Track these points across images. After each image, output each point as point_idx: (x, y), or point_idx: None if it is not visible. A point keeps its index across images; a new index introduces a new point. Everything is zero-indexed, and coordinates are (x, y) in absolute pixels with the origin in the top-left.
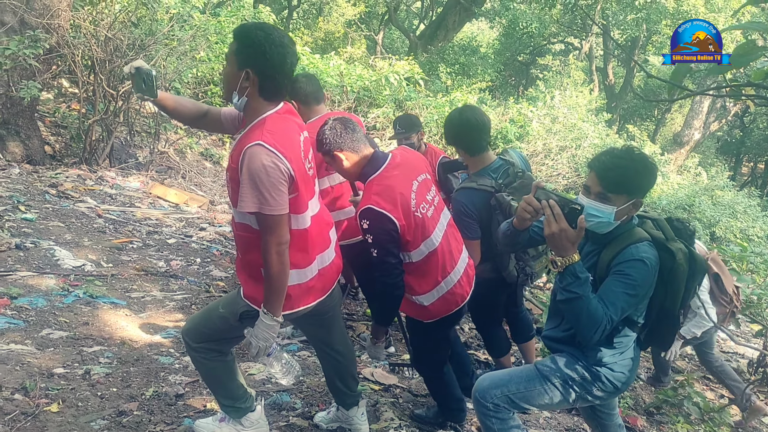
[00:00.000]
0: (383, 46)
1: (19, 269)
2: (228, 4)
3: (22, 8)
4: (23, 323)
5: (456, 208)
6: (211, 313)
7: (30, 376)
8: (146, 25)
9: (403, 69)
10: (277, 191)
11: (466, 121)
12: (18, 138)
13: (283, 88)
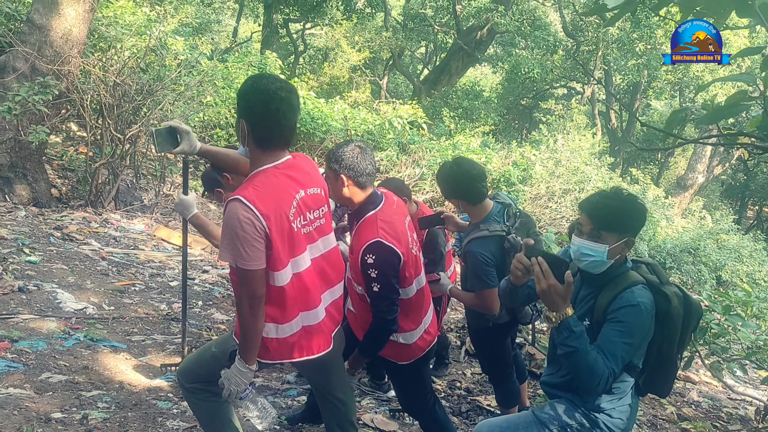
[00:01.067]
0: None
1: (21, 312)
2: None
3: (33, 55)
4: (23, 366)
5: (474, 259)
6: (205, 353)
7: (27, 421)
8: (155, 70)
9: (407, 113)
10: (251, 246)
11: (467, 172)
12: (25, 181)
13: (274, 136)
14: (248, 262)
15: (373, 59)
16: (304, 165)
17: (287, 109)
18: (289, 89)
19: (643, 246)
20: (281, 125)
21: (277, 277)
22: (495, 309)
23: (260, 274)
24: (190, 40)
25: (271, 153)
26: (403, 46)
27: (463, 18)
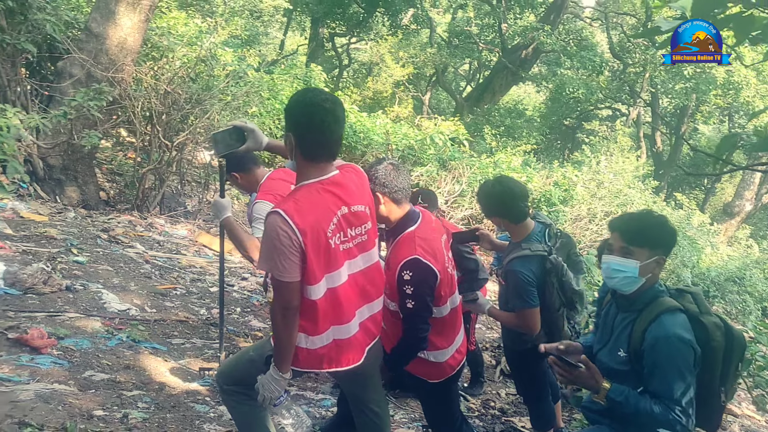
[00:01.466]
0: (430, 106)
1: (67, 310)
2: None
3: (89, 62)
4: (68, 363)
5: (515, 278)
6: (243, 356)
7: (71, 416)
8: (203, 80)
9: (449, 129)
10: (287, 259)
11: (510, 190)
12: (76, 183)
13: (320, 148)
14: (283, 273)
15: (416, 75)
16: (352, 181)
17: (332, 120)
18: (334, 101)
19: (687, 273)
20: (326, 137)
21: (310, 291)
22: (536, 329)
23: (294, 286)
24: (239, 51)
25: (316, 165)
26: (447, 62)
27: (509, 36)
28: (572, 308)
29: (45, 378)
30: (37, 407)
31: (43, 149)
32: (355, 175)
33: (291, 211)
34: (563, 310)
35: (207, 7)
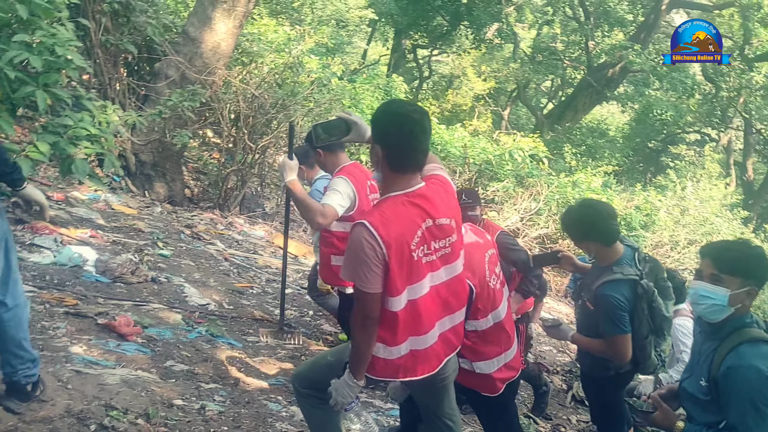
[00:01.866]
0: (509, 121)
1: (152, 301)
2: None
3: (184, 64)
4: (151, 352)
5: (606, 302)
6: (321, 360)
7: (152, 403)
8: (289, 86)
9: (528, 145)
10: (370, 270)
11: (601, 211)
12: (164, 180)
13: (407, 159)
14: (365, 284)
15: (497, 89)
16: (437, 193)
17: (420, 131)
18: (422, 112)
19: None
20: (414, 147)
21: (392, 302)
22: (627, 356)
23: (376, 297)
24: (324, 59)
25: (403, 177)
26: (529, 78)
27: (595, 54)
28: (660, 335)
29: (130, 364)
30: (122, 392)
31: (137, 146)
32: (441, 187)
33: (376, 223)
34: (651, 338)
35: (296, 15)
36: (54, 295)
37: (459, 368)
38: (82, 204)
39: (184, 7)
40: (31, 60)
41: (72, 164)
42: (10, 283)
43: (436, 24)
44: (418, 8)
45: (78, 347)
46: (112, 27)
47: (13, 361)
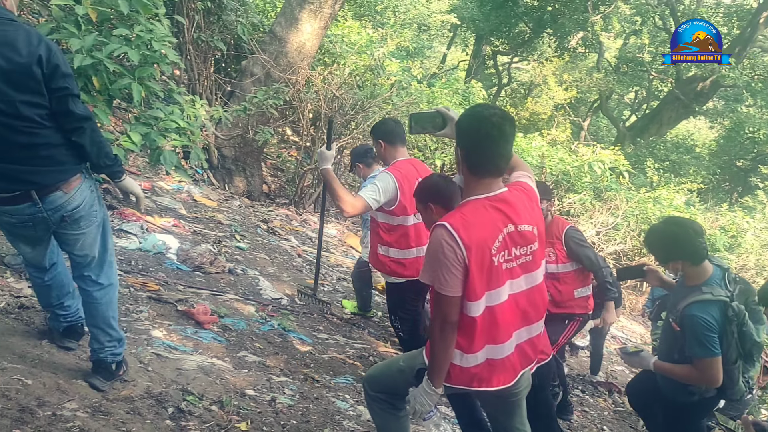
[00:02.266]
0: (588, 132)
1: (228, 292)
2: (442, 76)
3: (270, 63)
4: (225, 341)
5: (694, 324)
6: (393, 364)
7: (226, 391)
8: (368, 88)
9: (608, 158)
10: (450, 273)
11: (689, 229)
12: (243, 174)
13: (485, 162)
14: (445, 287)
15: (577, 99)
16: (520, 200)
17: (498, 135)
18: (503, 117)
19: None
20: (491, 151)
21: (470, 307)
22: (718, 380)
23: (455, 301)
24: (404, 62)
25: (482, 181)
26: (612, 89)
27: (684, 67)
28: (749, 361)
29: (206, 351)
30: (198, 378)
31: (220, 140)
32: (525, 193)
33: (457, 225)
34: (740, 363)
35: (378, 18)
36: (138, 279)
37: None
38: (166, 194)
39: (271, 8)
40: (129, 54)
41: (161, 155)
42: (104, 265)
43: (519, 31)
44: (501, 15)
45: (158, 331)
46: (204, 25)
47: (102, 339)
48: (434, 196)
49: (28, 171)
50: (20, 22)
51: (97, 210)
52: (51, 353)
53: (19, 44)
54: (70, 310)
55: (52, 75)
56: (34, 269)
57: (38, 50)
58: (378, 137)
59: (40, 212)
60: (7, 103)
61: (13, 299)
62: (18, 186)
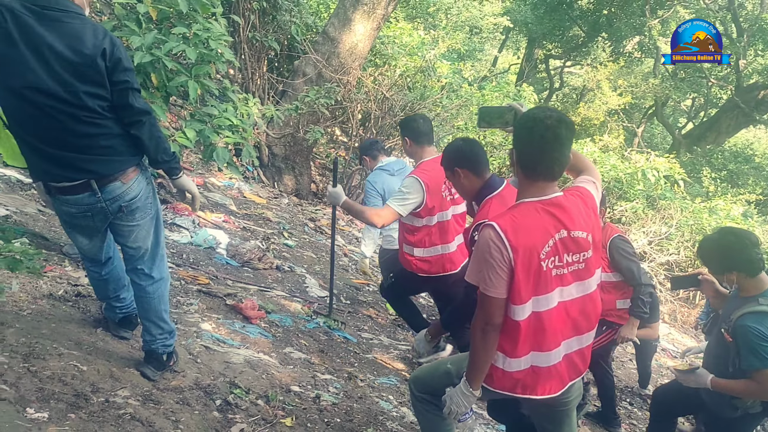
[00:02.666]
0: (642, 139)
1: (275, 288)
2: (492, 79)
3: (322, 63)
4: (271, 337)
5: (749, 334)
6: (440, 367)
7: (272, 386)
8: (419, 90)
9: (663, 166)
10: (495, 274)
11: (742, 239)
12: (293, 173)
13: (538, 165)
14: (489, 288)
15: (632, 105)
16: (576, 205)
17: (552, 138)
18: (559, 119)
19: None
20: (544, 153)
21: (514, 311)
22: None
23: (499, 303)
24: (455, 64)
25: (535, 183)
26: (669, 95)
27: (746, 74)
28: None
29: (253, 346)
30: (245, 372)
31: (271, 138)
32: (582, 199)
33: (506, 226)
34: None
35: (431, 20)
36: (189, 273)
37: None
38: (217, 190)
39: (324, 8)
40: (186, 52)
41: (214, 152)
42: (157, 258)
43: (572, 34)
44: (554, 18)
45: (208, 324)
46: (259, 24)
47: (153, 331)
48: (459, 160)
49: (88, 160)
50: (88, 18)
51: (152, 203)
52: (105, 341)
53: (86, 38)
54: (125, 301)
55: (114, 68)
56: (91, 263)
57: (103, 44)
58: (405, 134)
59: (99, 202)
60: (71, 93)
61: (70, 287)
62: (78, 175)
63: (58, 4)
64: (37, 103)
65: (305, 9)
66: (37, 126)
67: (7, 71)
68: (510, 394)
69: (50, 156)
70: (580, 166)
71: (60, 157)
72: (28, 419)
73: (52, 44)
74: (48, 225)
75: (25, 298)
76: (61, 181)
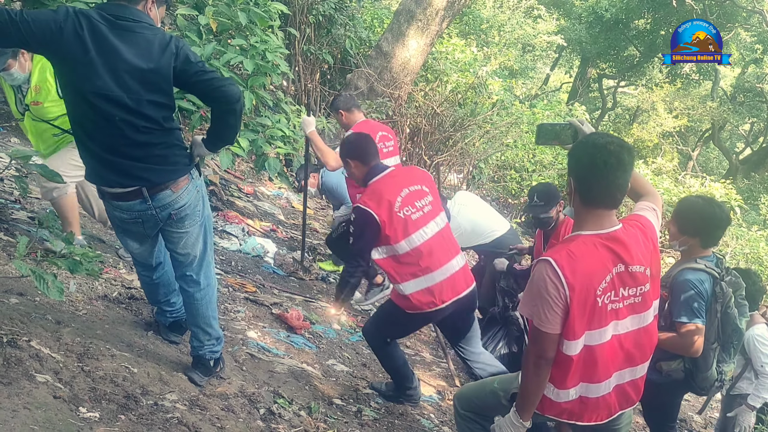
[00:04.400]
0: (697, 163)
1: (320, 299)
2: (542, 97)
3: (374, 77)
4: (315, 348)
5: (686, 287)
6: (486, 386)
7: (315, 398)
8: (469, 106)
9: (718, 191)
10: (551, 310)
11: (727, 217)
12: None
13: (599, 192)
14: (544, 323)
15: (687, 128)
16: (634, 238)
17: (615, 163)
18: (620, 144)
19: None
20: (607, 180)
21: (567, 345)
22: (698, 350)
23: (552, 338)
24: (507, 81)
25: (594, 212)
26: (727, 119)
27: None
28: (727, 350)
29: (296, 356)
30: (289, 382)
31: None
32: (641, 230)
33: (563, 262)
34: (717, 347)
35: (483, 37)
36: (237, 280)
37: None
38: (267, 199)
39: (378, 23)
40: (244, 63)
41: (266, 161)
42: (204, 265)
43: (628, 54)
44: (610, 37)
45: (253, 332)
46: (314, 37)
47: (201, 337)
48: (350, 153)
49: (142, 168)
50: (158, 29)
51: (201, 210)
52: (155, 344)
53: (154, 46)
54: (175, 306)
55: (185, 65)
56: (142, 267)
57: (170, 46)
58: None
59: (149, 209)
60: (135, 101)
61: (124, 290)
62: (131, 182)
63: (131, 15)
64: (101, 109)
65: (359, 23)
66: (98, 131)
67: (78, 75)
68: (556, 419)
69: (107, 161)
70: (640, 190)
71: (116, 164)
72: (81, 418)
73: (123, 53)
74: (105, 228)
75: (81, 298)
76: (115, 186)
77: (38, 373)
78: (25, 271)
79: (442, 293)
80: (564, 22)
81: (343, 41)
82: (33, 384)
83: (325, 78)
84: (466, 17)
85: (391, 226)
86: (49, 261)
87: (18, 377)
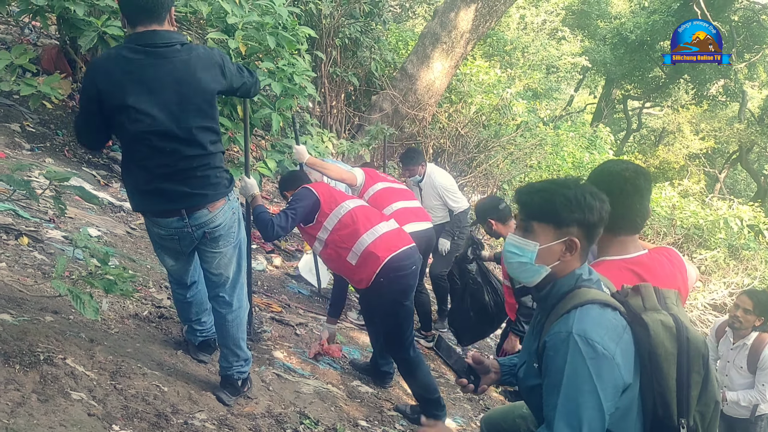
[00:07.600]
0: (724, 185)
1: (345, 320)
2: (566, 118)
3: (399, 99)
4: (340, 369)
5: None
6: (515, 410)
7: (340, 419)
8: (494, 128)
9: (747, 215)
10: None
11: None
12: None
13: (620, 219)
14: None
15: (714, 150)
16: (660, 265)
17: (633, 190)
18: (637, 171)
19: None
20: (624, 207)
21: None
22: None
23: None
24: (531, 103)
25: (616, 238)
26: (754, 141)
27: None
28: None
29: (322, 377)
30: (314, 402)
31: None
32: (668, 259)
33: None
34: None
35: (507, 58)
36: (264, 300)
37: None
38: None
39: (403, 45)
40: (272, 86)
41: None
42: (237, 287)
43: (653, 75)
44: (635, 59)
45: (279, 352)
46: (340, 60)
47: (230, 358)
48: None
49: (184, 194)
50: (191, 44)
51: (236, 232)
52: (185, 363)
53: (196, 67)
54: (206, 325)
55: (231, 78)
56: (177, 286)
57: (215, 60)
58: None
59: (185, 227)
60: (184, 130)
61: (154, 309)
62: (175, 206)
63: (162, 39)
64: (153, 144)
65: (384, 46)
66: (150, 162)
67: (129, 119)
68: None
69: (155, 190)
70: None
71: (164, 191)
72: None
73: (164, 82)
74: (135, 246)
75: (113, 317)
76: (160, 212)
77: (73, 390)
78: (63, 291)
79: (378, 250)
80: (588, 43)
81: (368, 63)
82: (68, 401)
83: (351, 99)
84: (490, 39)
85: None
86: (85, 280)
87: (54, 394)
